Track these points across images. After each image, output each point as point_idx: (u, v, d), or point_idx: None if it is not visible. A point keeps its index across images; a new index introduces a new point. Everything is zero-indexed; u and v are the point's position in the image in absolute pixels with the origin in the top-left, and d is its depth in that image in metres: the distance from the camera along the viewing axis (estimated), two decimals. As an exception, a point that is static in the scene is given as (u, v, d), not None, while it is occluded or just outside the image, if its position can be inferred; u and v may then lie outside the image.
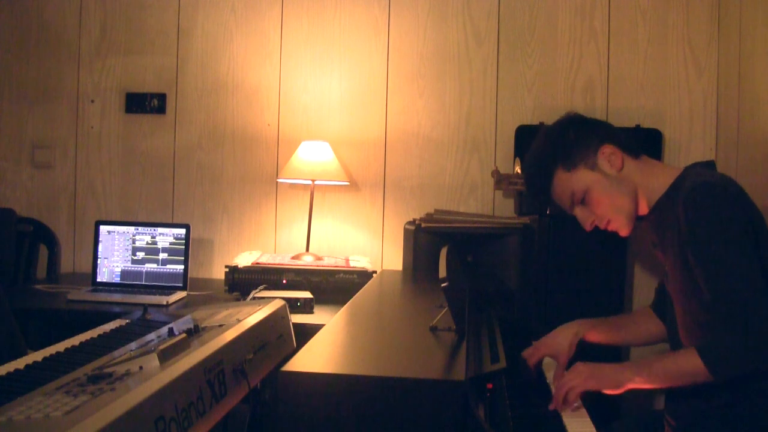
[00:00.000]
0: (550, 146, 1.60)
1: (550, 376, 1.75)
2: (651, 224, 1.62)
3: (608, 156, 1.56)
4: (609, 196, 1.56)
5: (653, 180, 1.57)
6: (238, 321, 1.43)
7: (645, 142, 2.77)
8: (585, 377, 1.44)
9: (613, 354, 2.61)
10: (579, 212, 1.61)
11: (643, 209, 1.60)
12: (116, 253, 2.65)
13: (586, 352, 1.76)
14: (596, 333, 1.78)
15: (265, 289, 2.38)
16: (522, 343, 1.93)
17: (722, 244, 1.38)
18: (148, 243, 2.65)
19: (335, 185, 2.96)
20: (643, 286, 2.81)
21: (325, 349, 1.35)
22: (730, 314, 1.35)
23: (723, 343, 1.36)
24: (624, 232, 1.60)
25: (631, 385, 1.41)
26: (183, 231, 2.65)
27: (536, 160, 1.63)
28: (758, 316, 1.32)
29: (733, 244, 1.37)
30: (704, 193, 1.42)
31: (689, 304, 1.51)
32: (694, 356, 1.35)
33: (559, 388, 1.47)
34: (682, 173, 1.55)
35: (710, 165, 1.63)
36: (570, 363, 1.67)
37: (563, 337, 1.75)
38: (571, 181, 1.58)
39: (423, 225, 2.56)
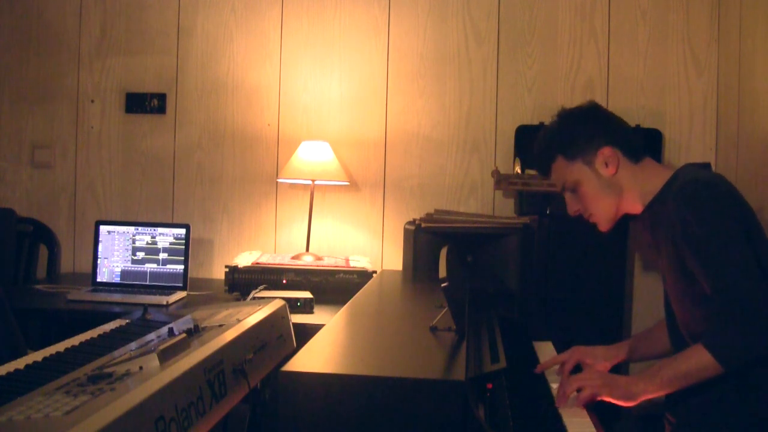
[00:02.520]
0: (559, 133, 1.68)
1: (551, 378, 1.75)
2: (645, 225, 1.66)
3: (605, 158, 1.61)
4: (595, 194, 1.64)
5: (648, 183, 1.61)
6: (238, 321, 1.43)
7: (645, 142, 2.77)
8: (600, 383, 1.44)
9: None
10: (568, 198, 1.71)
11: (636, 209, 1.64)
12: (116, 253, 2.65)
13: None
14: (632, 351, 1.80)
15: (265, 289, 2.38)
16: (522, 344, 1.93)
17: (717, 237, 1.41)
18: (148, 243, 2.65)
19: (335, 185, 2.96)
20: (643, 287, 2.81)
21: (325, 349, 1.35)
22: (731, 303, 1.37)
23: (728, 332, 1.37)
24: (602, 228, 1.68)
25: (644, 397, 1.42)
26: (183, 231, 2.65)
27: (545, 141, 1.71)
28: (758, 302, 1.35)
29: (727, 236, 1.41)
30: (695, 189, 1.47)
31: (687, 300, 1.53)
32: (702, 352, 1.37)
33: (570, 384, 1.47)
34: (674, 174, 1.59)
35: (705, 166, 1.67)
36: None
37: (604, 352, 1.78)
38: (566, 170, 1.66)
39: (423, 225, 2.56)
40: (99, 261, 2.65)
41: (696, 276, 1.45)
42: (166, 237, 2.65)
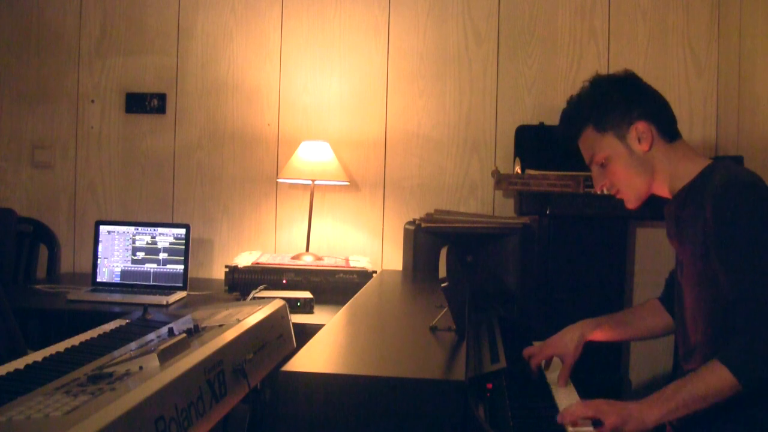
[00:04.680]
0: (591, 101, 1.59)
1: (551, 377, 1.75)
2: (670, 213, 1.60)
3: (639, 134, 1.55)
4: (626, 171, 1.56)
5: (680, 167, 1.55)
6: (238, 321, 1.43)
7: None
8: (614, 419, 1.32)
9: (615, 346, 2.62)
10: (595, 172, 1.62)
11: (664, 192, 1.59)
12: (116, 253, 2.65)
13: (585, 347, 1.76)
14: (601, 332, 1.76)
15: (265, 289, 2.38)
16: (522, 343, 1.93)
17: (750, 246, 1.35)
18: (148, 243, 2.65)
19: (335, 185, 2.96)
20: (644, 286, 2.81)
21: (325, 349, 1.35)
22: (755, 317, 1.32)
23: (749, 348, 1.31)
24: (630, 205, 1.61)
25: (658, 423, 1.33)
26: (183, 231, 2.65)
27: (575, 108, 1.62)
28: None
29: (762, 247, 1.35)
30: (734, 192, 1.39)
31: (704, 298, 1.49)
32: (720, 369, 1.30)
33: (584, 410, 1.37)
34: (709, 166, 1.52)
35: (738, 160, 1.61)
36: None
37: (569, 339, 1.73)
38: (596, 143, 1.58)
39: (423, 225, 2.56)
40: (99, 261, 2.65)
41: (719, 281, 1.40)
42: (166, 237, 2.65)
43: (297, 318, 2.14)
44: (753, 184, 1.42)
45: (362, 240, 3.01)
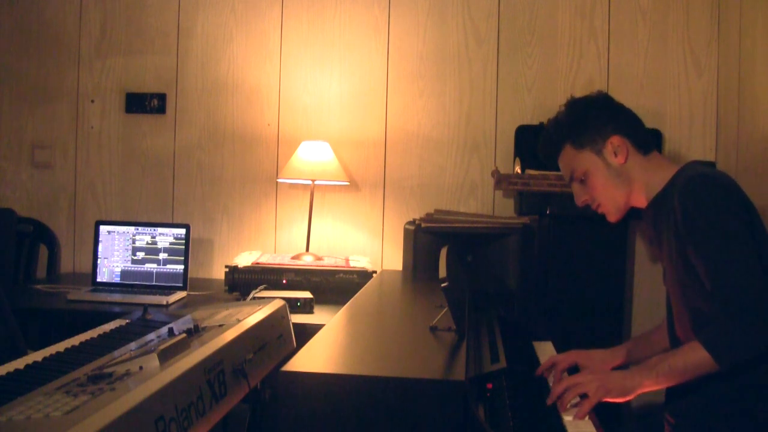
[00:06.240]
0: (568, 120, 1.66)
1: (551, 379, 1.75)
2: (648, 220, 1.66)
3: (615, 147, 1.61)
4: (605, 184, 1.63)
5: (655, 176, 1.61)
6: (238, 321, 1.43)
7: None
8: (595, 386, 1.40)
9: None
10: (576, 188, 1.69)
11: (641, 202, 1.64)
12: (116, 253, 2.65)
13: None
14: (630, 354, 1.79)
15: (265, 289, 2.38)
16: (522, 343, 1.93)
17: (720, 233, 1.41)
18: (148, 243, 2.65)
19: (335, 185, 2.96)
20: (643, 287, 2.81)
21: (325, 349, 1.35)
22: (730, 301, 1.37)
23: (725, 330, 1.37)
24: (611, 218, 1.68)
25: (640, 391, 1.41)
26: (183, 231, 2.65)
27: (553, 128, 1.69)
28: (758, 301, 1.35)
29: (731, 233, 1.40)
30: (699, 185, 1.46)
31: (685, 296, 1.53)
32: (698, 349, 1.37)
33: (569, 388, 1.43)
34: (679, 170, 1.59)
35: (710, 165, 1.66)
36: None
37: (602, 355, 1.78)
38: (575, 159, 1.65)
39: (423, 225, 2.56)
40: (99, 261, 2.65)
41: (697, 272, 1.45)
42: (166, 237, 2.65)
43: (297, 318, 2.14)
44: (716, 177, 1.50)
45: (362, 240, 3.00)
